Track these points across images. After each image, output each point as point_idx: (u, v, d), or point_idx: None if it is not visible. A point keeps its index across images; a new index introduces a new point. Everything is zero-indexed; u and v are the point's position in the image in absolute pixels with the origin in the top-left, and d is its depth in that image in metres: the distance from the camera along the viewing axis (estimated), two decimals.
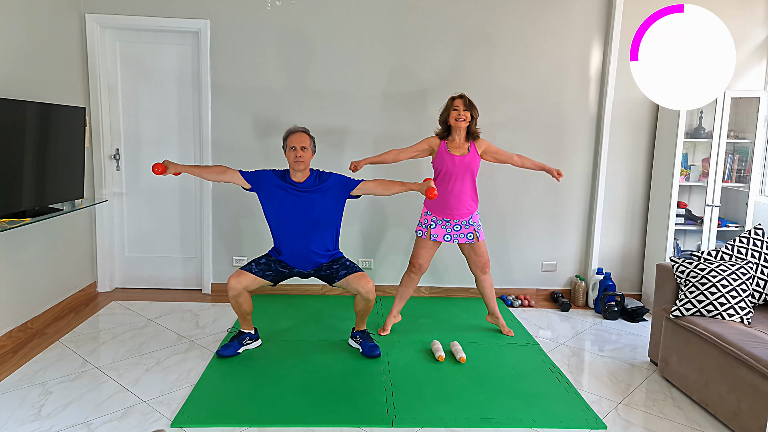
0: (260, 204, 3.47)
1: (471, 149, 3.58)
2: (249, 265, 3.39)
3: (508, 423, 2.74)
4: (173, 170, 3.24)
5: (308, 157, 3.34)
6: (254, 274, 3.34)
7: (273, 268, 3.43)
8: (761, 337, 2.78)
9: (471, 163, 3.56)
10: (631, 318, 4.26)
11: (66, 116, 3.57)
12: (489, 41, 4.36)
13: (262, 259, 3.45)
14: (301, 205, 3.33)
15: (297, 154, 3.29)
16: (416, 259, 3.72)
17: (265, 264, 3.41)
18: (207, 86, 4.29)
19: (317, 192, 3.34)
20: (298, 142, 3.30)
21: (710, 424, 2.82)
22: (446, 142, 3.59)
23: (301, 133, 3.34)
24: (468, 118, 3.53)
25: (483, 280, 3.78)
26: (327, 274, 3.45)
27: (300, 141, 3.31)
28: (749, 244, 3.27)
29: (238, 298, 3.32)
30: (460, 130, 3.56)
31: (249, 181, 3.37)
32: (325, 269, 3.45)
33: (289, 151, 3.31)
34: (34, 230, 3.68)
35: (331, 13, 4.28)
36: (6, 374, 3.08)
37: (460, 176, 3.56)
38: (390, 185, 3.36)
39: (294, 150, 3.29)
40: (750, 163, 4.19)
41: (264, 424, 2.67)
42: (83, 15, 4.17)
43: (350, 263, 3.45)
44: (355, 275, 3.35)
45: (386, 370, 3.25)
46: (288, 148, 3.33)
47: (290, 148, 3.31)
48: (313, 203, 3.33)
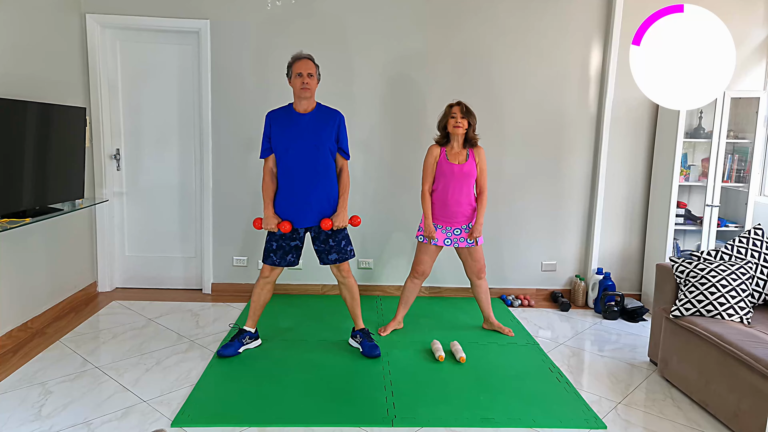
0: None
1: (469, 157, 3.60)
2: (269, 258, 3.36)
3: (508, 423, 2.74)
4: (275, 220, 3.28)
5: (314, 84, 3.24)
6: (278, 265, 3.36)
7: (286, 248, 3.35)
8: (761, 337, 2.78)
9: (470, 171, 3.60)
10: (631, 318, 4.26)
11: (66, 116, 3.57)
12: (489, 41, 4.36)
13: (272, 244, 3.35)
14: (306, 130, 3.24)
15: (304, 81, 3.18)
16: (419, 265, 3.73)
17: (276, 248, 3.34)
18: (207, 86, 4.30)
19: (323, 122, 3.27)
20: (305, 69, 3.19)
21: (710, 424, 2.83)
22: (445, 150, 3.61)
23: (307, 60, 3.22)
24: (465, 125, 3.56)
25: (478, 285, 3.80)
26: (321, 248, 3.37)
27: (307, 67, 3.19)
28: (749, 244, 3.27)
29: (266, 286, 3.40)
30: (458, 136, 3.59)
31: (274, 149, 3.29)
32: (323, 239, 3.35)
33: (295, 78, 3.20)
34: (35, 230, 3.69)
35: (331, 13, 4.28)
36: (6, 374, 3.08)
37: (459, 184, 3.59)
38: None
39: (301, 77, 3.18)
40: (750, 163, 4.20)
41: (264, 424, 2.67)
42: (83, 15, 4.17)
43: (345, 247, 3.38)
44: (337, 266, 3.40)
45: (386, 370, 3.26)
46: (294, 75, 3.21)
47: (297, 75, 3.19)
48: (318, 130, 3.25)
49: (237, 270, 4.54)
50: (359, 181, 4.45)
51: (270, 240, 3.38)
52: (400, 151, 4.44)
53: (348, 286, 3.50)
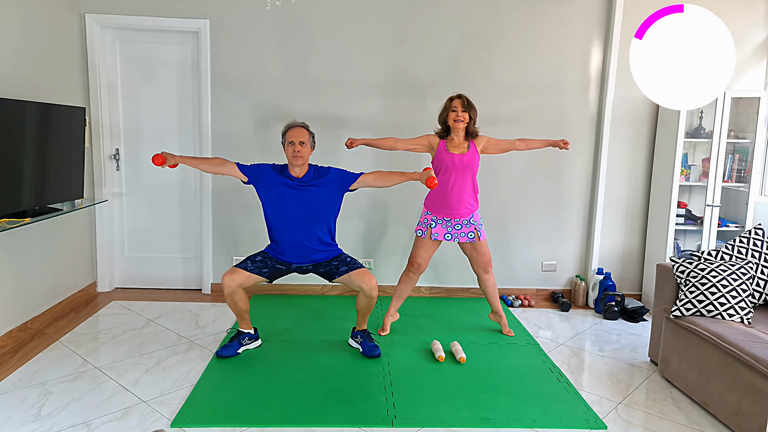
0: (258, 198, 3.45)
1: (470, 148, 3.58)
2: (244, 262, 3.36)
3: (508, 423, 2.73)
4: (172, 161, 3.23)
5: (307, 152, 3.32)
6: (249, 271, 3.32)
7: (269, 265, 3.40)
8: (761, 337, 2.78)
9: (471, 161, 3.56)
10: (631, 318, 4.26)
11: (66, 116, 3.57)
12: (489, 41, 4.36)
13: (258, 256, 3.42)
14: (300, 199, 3.32)
15: (296, 149, 3.27)
16: (415, 258, 3.72)
17: (261, 261, 3.39)
18: (207, 86, 4.29)
19: (316, 186, 3.33)
20: (297, 137, 3.29)
21: (710, 424, 2.82)
22: (445, 142, 3.60)
23: (300, 128, 3.32)
24: (466, 119, 3.54)
25: (486, 279, 3.78)
26: (326, 271, 3.43)
27: (299, 136, 3.29)
28: (749, 244, 3.27)
29: (234, 296, 3.29)
30: (459, 130, 3.57)
31: (246, 174, 3.36)
32: (324, 266, 3.44)
33: (288, 146, 3.30)
34: (34, 230, 3.68)
35: (331, 14, 4.28)
36: (6, 374, 3.08)
37: (460, 175, 3.56)
38: (389, 176, 3.35)
39: (293, 145, 3.28)
40: (750, 163, 4.19)
41: (264, 424, 2.67)
42: (83, 15, 4.17)
43: (351, 259, 3.43)
44: (358, 272, 3.33)
45: (386, 370, 3.25)
46: (287, 143, 3.31)
47: (289, 143, 3.30)
48: (312, 197, 3.32)
49: None
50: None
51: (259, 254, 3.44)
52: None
53: (370, 296, 3.34)
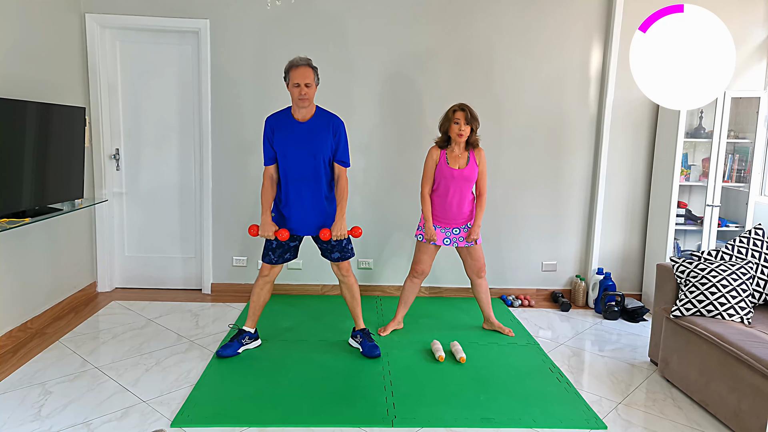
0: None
1: (470, 160, 3.59)
2: (267, 256, 3.36)
3: (508, 423, 2.73)
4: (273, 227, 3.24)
5: (312, 93, 3.16)
6: (278, 263, 3.37)
7: (285, 247, 3.38)
8: (761, 337, 2.78)
9: (470, 175, 3.59)
10: (632, 318, 4.26)
11: (66, 116, 3.57)
12: (489, 41, 4.36)
13: (271, 243, 3.37)
14: (302, 138, 3.21)
15: (301, 92, 3.11)
16: (418, 264, 3.73)
17: (276, 246, 3.36)
18: (207, 86, 4.29)
19: (319, 126, 3.23)
20: (302, 79, 3.09)
21: (710, 424, 2.82)
22: (446, 153, 3.60)
23: (304, 68, 3.12)
24: (468, 132, 3.54)
25: (478, 284, 3.80)
26: (324, 248, 3.40)
27: (304, 78, 3.10)
28: (749, 244, 3.27)
29: (266, 285, 3.40)
30: (460, 142, 3.58)
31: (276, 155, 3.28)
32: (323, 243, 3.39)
33: (293, 87, 3.13)
34: (34, 230, 3.68)
35: (332, 14, 4.28)
36: (6, 374, 3.08)
37: (459, 188, 3.59)
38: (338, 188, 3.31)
39: (298, 87, 3.11)
40: (750, 163, 4.19)
41: (264, 424, 2.67)
42: (83, 15, 4.17)
43: (346, 246, 3.40)
44: (343, 263, 3.41)
45: (386, 370, 3.25)
46: (291, 84, 3.14)
47: (294, 85, 3.12)
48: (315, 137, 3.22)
49: (236, 270, 4.54)
50: (359, 181, 4.45)
51: (267, 243, 3.40)
52: (399, 151, 4.44)
53: (348, 285, 3.50)
